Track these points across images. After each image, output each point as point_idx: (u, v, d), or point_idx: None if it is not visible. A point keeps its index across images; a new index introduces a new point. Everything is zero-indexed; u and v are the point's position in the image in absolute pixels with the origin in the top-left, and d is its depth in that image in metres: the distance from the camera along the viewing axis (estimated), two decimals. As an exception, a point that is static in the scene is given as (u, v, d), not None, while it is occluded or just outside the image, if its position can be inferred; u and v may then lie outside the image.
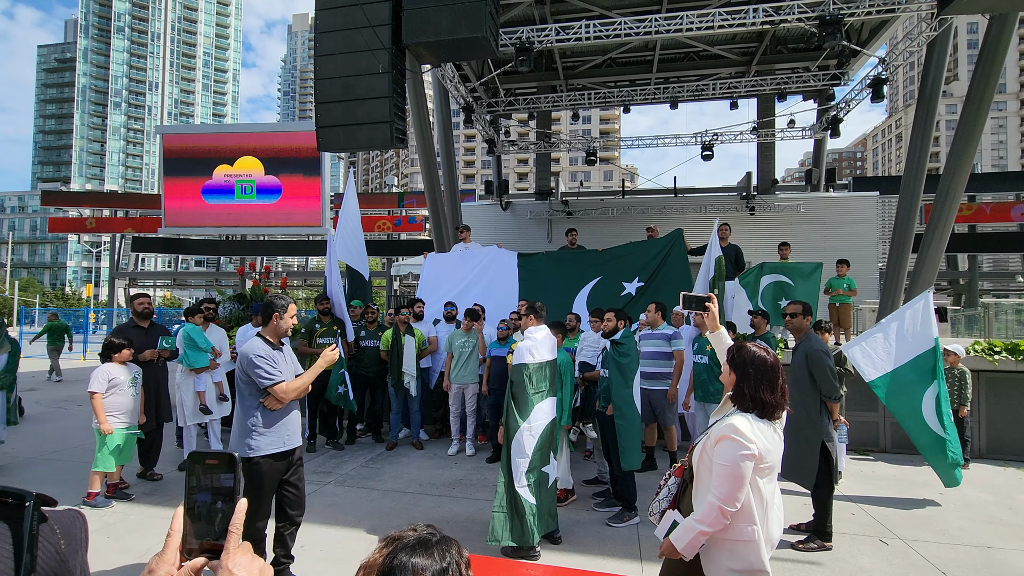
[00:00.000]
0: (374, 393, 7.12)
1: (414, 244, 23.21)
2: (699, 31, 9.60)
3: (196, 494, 0.81)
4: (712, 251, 6.83)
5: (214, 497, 0.81)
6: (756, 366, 2.22)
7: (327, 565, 3.66)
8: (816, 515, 4.12)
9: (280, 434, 3.21)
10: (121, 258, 26.61)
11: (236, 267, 23.78)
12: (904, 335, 5.15)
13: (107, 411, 4.62)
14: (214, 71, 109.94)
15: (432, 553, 1.03)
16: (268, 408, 3.14)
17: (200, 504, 0.81)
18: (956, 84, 71.18)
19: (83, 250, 71.78)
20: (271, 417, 3.17)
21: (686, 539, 2.09)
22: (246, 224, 22.37)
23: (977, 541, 4.22)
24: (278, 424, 3.20)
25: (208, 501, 0.81)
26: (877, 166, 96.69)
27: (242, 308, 8.96)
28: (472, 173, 78.80)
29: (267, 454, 3.14)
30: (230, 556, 0.80)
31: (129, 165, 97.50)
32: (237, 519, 0.81)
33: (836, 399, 4.10)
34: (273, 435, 3.17)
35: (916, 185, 10.58)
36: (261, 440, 3.13)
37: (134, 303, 5.30)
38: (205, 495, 0.81)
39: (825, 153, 16.81)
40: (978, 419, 6.66)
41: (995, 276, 20.83)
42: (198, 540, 0.80)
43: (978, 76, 9.19)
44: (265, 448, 3.13)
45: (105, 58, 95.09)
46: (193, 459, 0.83)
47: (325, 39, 7.17)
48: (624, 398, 4.38)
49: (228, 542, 0.80)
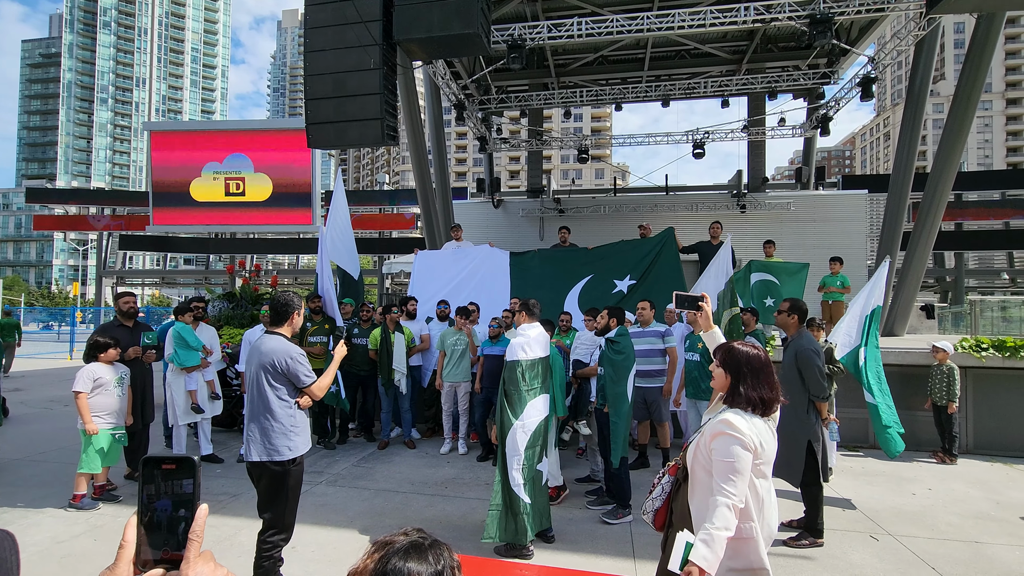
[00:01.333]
0: (366, 392, 7.07)
1: (405, 242, 23.11)
2: (691, 29, 9.61)
3: (155, 502, 0.77)
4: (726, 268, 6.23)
5: (175, 505, 0.78)
6: (750, 365, 2.22)
7: (318, 566, 3.63)
8: (807, 512, 4.14)
9: (308, 433, 3.29)
10: (108, 256, 26.27)
11: (226, 265, 23.53)
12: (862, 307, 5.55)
13: (93, 411, 4.55)
14: (202, 67, 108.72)
15: (426, 557, 1.02)
16: (301, 407, 3.20)
17: (160, 511, 0.77)
18: (943, 83, 72.00)
19: (69, 248, 70.85)
20: (303, 417, 3.25)
21: (713, 551, 1.95)
22: (236, 222, 22.15)
23: (966, 536, 4.26)
24: (307, 423, 3.29)
25: (168, 509, 0.78)
26: (865, 164, 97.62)
27: (232, 307, 8.88)
28: (464, 171, 78.61)
29: (303, 453, 3.20)
30: (191, 565, 0.77)
31: (116, 162, 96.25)
32: (198, 526, 0.78)
33: (824, 398, 4.12)
34: (305, 434, 3.24)
35: (904, 183, 10.67)
36: (298, 440, 3.16)
37: (119, 302, 5.22)
38: (165, 502, 0.78)
39: (815, 151, 16.92)
40: (966, 415, 6.74)
41: (981, 274, 21.08)
42: (157, 551, 0.76)
43: (965, 75, 9.28)
44: (301, 448, 3.18)
45: (91, 53, 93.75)
46: (149, 465, 0.79)
47: (315, 35, 7.10)
48: (617, 395, 4.38)
49: (189, 550, 0.77)
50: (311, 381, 3.18)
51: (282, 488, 3.07)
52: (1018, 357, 6.58)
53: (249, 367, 3.19)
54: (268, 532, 3.10)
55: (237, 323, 8.60)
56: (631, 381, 4.50)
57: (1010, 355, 6.61)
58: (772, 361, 2.33)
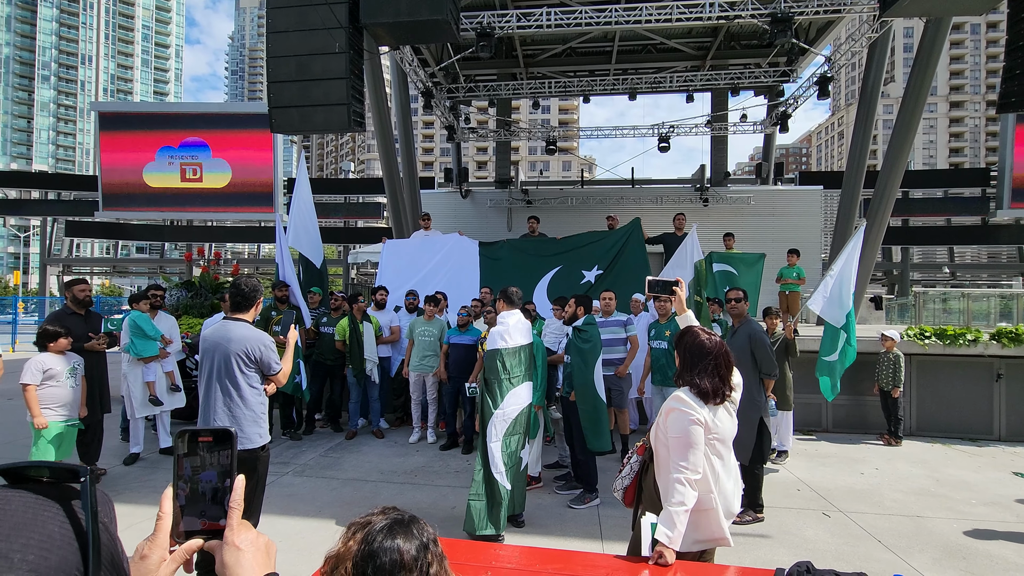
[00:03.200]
0: (333, 382, 6.97)
1: (371, 232, 22.72)
2: (657, 23, 9.75)
3: (200, 473, 0.78)
4: (692, 254, 6.84)
5: (219, 476, 0.79)
6: (693, 352, 2.32)
7: (288, 555, 3.59)
8: (747, 488, 4.32)
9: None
10: (54, 243, 24.89)
11: (184, 253, 22.64)
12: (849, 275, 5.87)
13: (43, 403, 4.34)
14: (155, 46, 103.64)
15: (410, 532, 1.03)
16: (268, 394, 3.20)
17: (204, 483, 0.78)
18: (892, 85, 75.18)
19: (9, 235, 66.79)
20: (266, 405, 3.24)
21: (674, 528, 2.05)
22: (193, 209, 21.28)
23: (908, 511, 4.55)
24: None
25: (213, 479, 0.79)
26: (820, 162, 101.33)
27: (190, 296, 8.59)
28: (431, 161, 77.70)
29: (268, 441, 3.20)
30: (235, 532, 0.79)
31: (60, 144, 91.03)
32: (237, 495, 0.79)
33: (773, 376, 4.40)
34: (265, 422, 3.20)
35: (857, 180, 11.15)
36: (264, 428, 3.16)
37: (73, 289, 4.99)
38: (210, 474, 0.78)
39: (774, 148, 17.46)
40: (910, 399, 7.16)
41: (924, 267, 22.24)
42: (196, 520, 0.78)
43: (914, 77, 9.73)
44: (267, 435, 3.17)
45: (31, 27, 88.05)
46: (186, 438, 0.79)
47: (278, 15, 6.88)
48: (586, 383, 4.46)
49: (231, 518, 0.79)
50: (280, 369, 3.18)
51: (251, 475, 3.02)
52: (957, 345, 7.01)
53: (212, 354, 3.08)
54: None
55: (196, 312, 8.33)
56: (599, 370, 4.59)
57: (950, 343, 7.03)
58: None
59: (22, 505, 0.49)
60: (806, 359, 7.19)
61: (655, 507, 2.27)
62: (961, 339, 7.02)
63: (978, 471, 5.68)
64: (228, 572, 0.77)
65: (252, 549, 0.80)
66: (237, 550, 0.78)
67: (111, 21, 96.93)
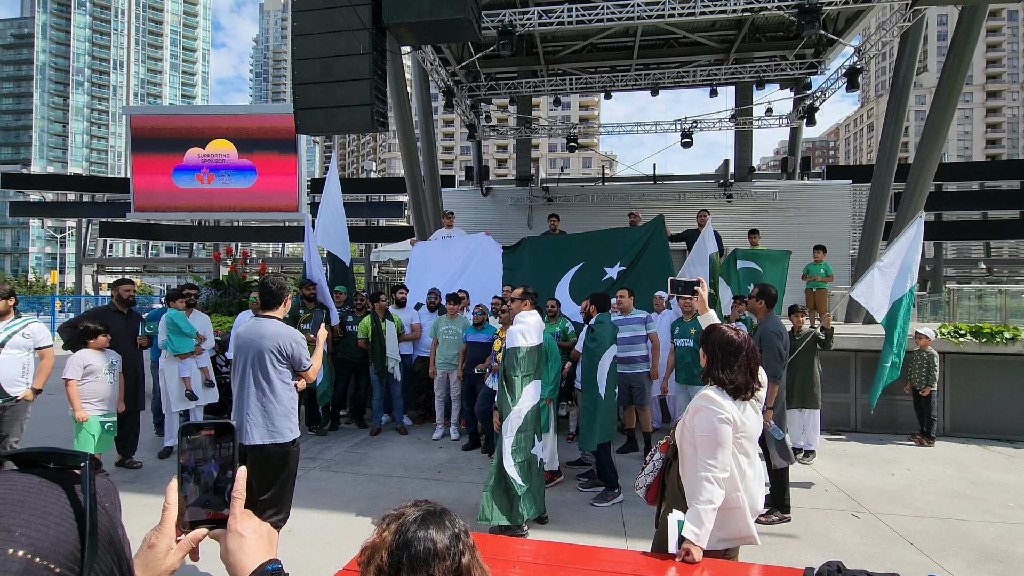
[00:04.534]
0: (358, 379, 7.08)
1: (393, 230, 22.96)
2: (680, 17, 9.63)
3: (202, 465, 0.82)
4: (707, 246, 6.85)
5: (221, 467, 0.83)
6: (722, 348, 2.30)
7: (316, 548, 3.67)
8: (773, 488, 4.25)
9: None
10: (88, 244, 25.73)
11: (212, 253, 23.18)
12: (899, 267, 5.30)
13: (83, 398, 4.51)
14: (182, 50, 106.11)
15: (442, 523, 1.08)
16: (298, 390, 3.28)
17: (206, 475, 0.82)
18: (925, 75, 72.86)
19: (47, 235, 69.24)
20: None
21: (701, 526, 2.05)
22: (220, 208, 21.79)
23: (942, 513, 4.43)
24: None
25: (215, 471, 0.82)
26: (849, 155, 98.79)
27: (219, 294, 8.80)
28: (451, 159, 78.06)
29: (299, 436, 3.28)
30: (238, 520, 0.83)
31: (94, 148, 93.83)
32: (239, 485, 0.83)
33: (776, 379, 4.16)
34: (296, 417, 3.28)
35: (887, 174, 10.86)
36: (295, 423, 3.23)
37: (119, 289, 5.25)
38: (212, 466, 0.82)
39: (800, 142, 17.11)
40: (944, 399, 6.96)
41: (959, 263, 21.58)
42: (202, 510, 0.81)
43: (948, 67, 9.43)
44: (297, 430, 3.24)
45: (66, 34, 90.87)
46: (188, 431, 0.83)
47: (302, 18, 6.99)
48: (589, 380, 4.49)
49: (234, 507, 0.83)
50: (311, 365, 3.26)
51: (283, 469, 3.11)
52: (994, 343, 6.79)
53: (246, 350, 3.16)
54: (267, 513, 3.13)
55: (225, 311, 8.54)
56: (605, 368, 4.57)
57: (986, 341, 6.82)
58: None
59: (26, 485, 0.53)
60: (836, 356, 7.06)
61: (678, 504, 2.27)
62: (998, 337, 6.80)
63: (1016, 473, 5.50)
64: (232, 558, 0.82)
65: (255, 536, 0.84)
66: (240, 537, 0.82)
67: (141, 27, 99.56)
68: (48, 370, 4.35)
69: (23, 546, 0.47)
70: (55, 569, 0.48)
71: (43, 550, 0.48)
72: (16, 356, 4.19)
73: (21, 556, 0.46)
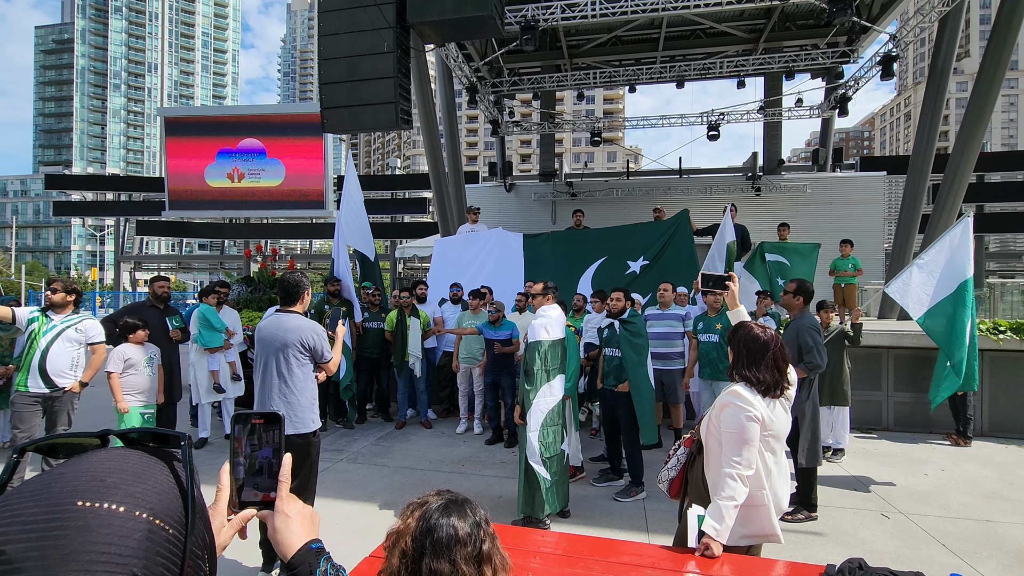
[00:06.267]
0: (379, 374, 7.21)
1: (418, 226, 23.16)
2: (707, 8, 9.47)
3: (257, 451, 0.88)
4: (725, 235, 6.85)
5: (274, 452, 0.89)
6: (749, 346, 2.28)
7: (343, 537, 3.77)
8: (800, 487, 4.19)
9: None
10: (126, 242, 26.65)
11: (244, 250, 23.75)
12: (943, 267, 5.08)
13: (124, 390, 4.71)
14: (213, 52, 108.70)
15: (464, 511, 1.13)
16: (319, 381, 3.37)
17: (261, 459, 0.88)
18: (967, 61, 69.91)
19: (87, 234, 71.95)
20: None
21: (722, 522, 2.05)
22: (250, 207, 22.35)
23: (977, 515, 4.30)
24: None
25: (269, 456, 0.88)
26: (884, 146, 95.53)
27: (250, 291, 9.04)
28: (475, 155, 78.20)
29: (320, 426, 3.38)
30: (284, 502, 0.90)
31: (130, 148, 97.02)
32: (285, 470, 0.90)
33: (814, 370, 4.09)
34: (317, 408, 3.37)
35: (924, 165, 10.50)
36: (316, 414, 3.33)
37: (154, 285, 5.46)
38: (266, 451, 0.88)
39: (832, 132, 16.63)
40: (981, 398, 6.73)
41: (1001, 257, 20.72)
42: (257, 492, 0.88)
43: (990, 52, 9.05)
44: (318, 421, 3.34)
45: (103, 39, 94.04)
46: (241, 420, 0.89)
47: (328, 18, 7.11)
48: (640, 375, 4.46)
49: (280, 490, 0.89)
50: (331, 357, 3.36)
51: (305, 459, 3.21)
52: (1036, 340, 6.53)
53: (269, 343, 3.24)
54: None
55: (255, 307, 8.76)
56: (650, 362, 4.58)
57: (1028, 338, 6.55)
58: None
59: (139, 460, 0.60)
60: (868, 353, 6.89)
61: (701, 499, 2.27)
62: (1040, 334, 6.53)
63: (1058, 475, 5.30)
64: (279, 536, 0.89)
65: (299, 517, 0.91)
66: (287, 517, 0.90)
67: (174, 30, 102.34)
68: (98, 365, 4.56)
69: (147, 509, 0.54)
70: (169, 531, 0.55)
71: (160, 514, 0.55)
72: (67, 349, 4.40)
73: (147, 518, 0.53)
